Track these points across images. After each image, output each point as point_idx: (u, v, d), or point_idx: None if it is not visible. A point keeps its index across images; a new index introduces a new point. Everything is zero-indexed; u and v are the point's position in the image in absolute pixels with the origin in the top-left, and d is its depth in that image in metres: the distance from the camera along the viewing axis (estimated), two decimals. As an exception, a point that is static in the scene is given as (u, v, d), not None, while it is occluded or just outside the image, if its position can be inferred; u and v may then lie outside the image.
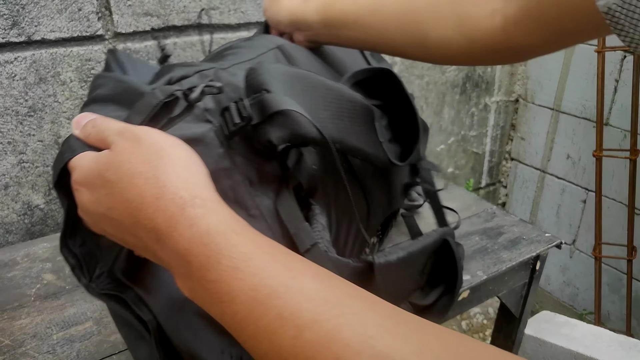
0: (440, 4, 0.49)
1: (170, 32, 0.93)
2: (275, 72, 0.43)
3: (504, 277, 0.81)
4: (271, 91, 0.40)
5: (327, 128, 0.43)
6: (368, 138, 0.49)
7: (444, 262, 0.56)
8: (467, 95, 1.57)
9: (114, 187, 0.33)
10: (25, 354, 0.58)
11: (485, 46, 0.48)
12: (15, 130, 0.83)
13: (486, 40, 0.47)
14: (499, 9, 0.46)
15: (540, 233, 0.85)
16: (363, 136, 0.48)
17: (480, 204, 0.96)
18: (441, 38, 0.49)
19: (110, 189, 0.33)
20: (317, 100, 0.45)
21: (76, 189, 0.36)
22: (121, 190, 0.33)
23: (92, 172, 0.35)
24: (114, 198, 0.33)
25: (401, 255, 0.48)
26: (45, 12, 0.79)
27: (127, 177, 0.33)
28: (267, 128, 0.40)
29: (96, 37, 0.86)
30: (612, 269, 1.63)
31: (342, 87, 0.49)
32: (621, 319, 1.63)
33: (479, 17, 0.47)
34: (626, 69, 1.43)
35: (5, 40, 0.77)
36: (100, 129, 0.37)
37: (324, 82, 0.48)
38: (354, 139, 0.46)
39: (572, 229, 1.73)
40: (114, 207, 0.33)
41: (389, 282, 0.48)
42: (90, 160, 0.35)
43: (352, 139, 0.46)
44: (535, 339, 1.25)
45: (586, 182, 1.63)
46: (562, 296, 1.83)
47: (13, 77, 0.80)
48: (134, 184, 0.32)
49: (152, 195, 0.31)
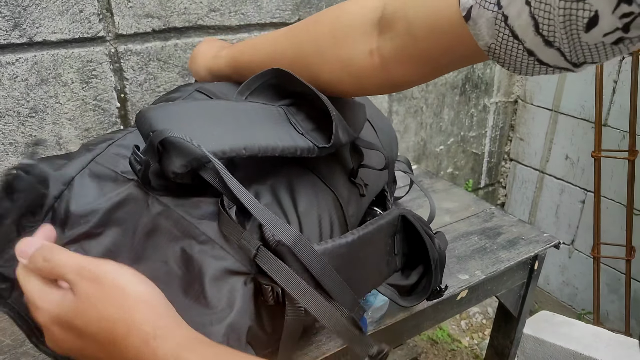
0: (324, 49, 0.53)
1: (170, 34, 0.94)
2: (160, 112, 0.46)
3: (502, 277, 0.81)
4: (156, 130, 0.43)
5: (225, 139, 0.46)
6: (282, 135, 0.51)
7: (417, 241, 0.57)
8: (467, 96, 1.58)
9: (84, 332, 0.36)
10: (26, 353, 0.59)
11: (371, 81, 0.52)
12: (16, 131, 0.83)
13: (370, 77, 0.51)
14: (375, 49, 0.49)
15: (539, 233, 0.86)
16: (274, 134, 0.50)
17: (480, 204, 0.97)
18: (331, 78, 0.54)
19: (80, 333, 0.36)
20: (207, 120, 0.48)
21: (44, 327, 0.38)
22: (91, 334, 0.36)
23: (59, 318, 0.37)
24: (85, 341, 0.36)
25: (350, 240, 0.49)
26: (47, 14, 0.80)
27: (96, 322, 0.35)
28: (166, 162, 0.43)
29: (97, 39, 0.86)
30: (610, 269, 1.63)
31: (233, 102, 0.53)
32: (620, 318, 1.63)
33: (359, 59, 0.50)
34: (625, 69, 1.44)
35: (7, 41, 0.78)
36: (54, 264, 0.37)
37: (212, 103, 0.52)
38: (261, 140, 0.48)
39: (571, 229, 1.73)
40: (86, 348, 0.37)
41: (351, 266, 0.49)
42: (55, 304, 0.37)
43: (259, 140, 0.48)
44: (534, 339, 1.26)
45: (585, 182, 1.64)
46: (561, 296, 1.83)
47: (14, 78, 0.80)
48: (103, 328, 0.35)
49: (121, 335, 0.35)
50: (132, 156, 0.45)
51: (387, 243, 0.56)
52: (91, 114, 0.90)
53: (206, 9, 0.96)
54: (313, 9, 1.09)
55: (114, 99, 0.92)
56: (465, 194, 1.02)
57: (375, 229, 0.52)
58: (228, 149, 0.45)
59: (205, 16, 0.96)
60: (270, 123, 0.52)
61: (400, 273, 0.59)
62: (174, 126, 0.44)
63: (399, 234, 0.57)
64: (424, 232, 0.56)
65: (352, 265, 0.49)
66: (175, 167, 0.43)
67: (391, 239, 0.56)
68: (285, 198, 0.52)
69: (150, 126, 0.44)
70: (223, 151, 0.44)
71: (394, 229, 0.56)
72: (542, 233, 0.86)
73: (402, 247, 0.58)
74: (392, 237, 0.56)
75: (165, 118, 0.45)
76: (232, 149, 0.45)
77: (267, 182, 0.52)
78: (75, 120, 0.89)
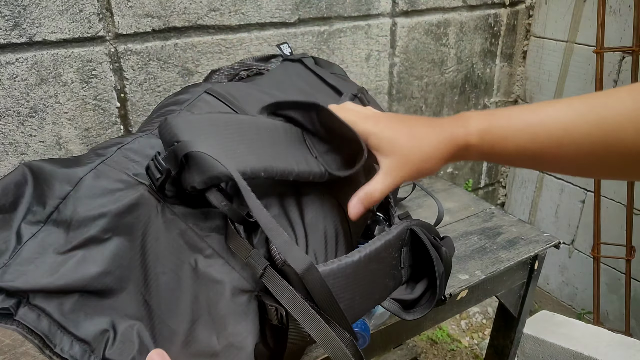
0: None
1: (170, 33, 0.94)
2: (185, 122, 0.45)
3: (502, 277, 0.81)
4: (181, 141, 0.43)
5: (247, 160, 0.45)
6: (299, 157, 0.50)
7: (423, 252, 0.56)
8: (466, 96, 1.58)
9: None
10: (26, 353, 0.59)
11: None
12: (16, 130, 0.83)
13: None
14: None
15: (539, 233, 0.86)
16: (291, 157, 0.49)
17: (479, 204, 0.97)
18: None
19: None
20: (232, 137, 0.47)
21: None
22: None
23: None
24: None
25: (356, 259, 0.47)
26: (47, 14, 0.80)
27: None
28: (186, 175, 0.43)
29: (97, 38, 0.86)
30: (610, 269, 1.63)
31: (257, 118, 0.51)
32: (620, 318, 1.63)
33: None
34: (625, 69, 1.44)
35: (7, 41, 0.78)
36: None
37: (238, 118, 0.50)
38: (280, 163, 0.47)
39: (571, 229, 1.73)
40: None
41: (356, 284, 0.48)
42: None
43: (278, 163, 0.47)
44: (534, 339, 1.25)
45: (585, 182, 1.64)
46: (561, 296, 1.83)
47: (14, 78, 0.80)
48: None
49: None
50: (152, 162, 0.44)
51: (394, 257, 0.54)
52: (91, 114, 0.90)
53: (206, 9, 0.96)
54: (313, 8, 1.09)
55: (114, 98, 0.92)
56: (465, 193, 1.02)
57: (383, 246, 0.51)
58: (249, 171, 0.44)
59: (205, 16, 0.96)
60: (289, 144, 0.51)
61: (405, 286, 0.58)
62: (199, 139, 0.43)
63: (406, 247, 0.56)
64: (431, 245, 0.55)
65: (358, 283, 0.48)
66: (195, 182, 0.42)
67: (398, 252, 0.55)
68: (293, 209, 0.51)
69: (175, 135, 0.44)
70: (244, 172, 0.44)
71: (402, 242, 0.55)
72: (542, 233, 0.86)
73: (408, 260, 0.57)
74: (399, 250, 0.55)
75: (191, 129, 0.45)
76: (252, 171, 0.45)
77: (275, 192, 0.51)
78: (75, 120, 0.89)
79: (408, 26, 1.30)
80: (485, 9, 1.46)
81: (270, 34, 1.06)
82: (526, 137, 0.44)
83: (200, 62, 0.99)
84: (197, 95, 0.60)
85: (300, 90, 0.67)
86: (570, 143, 0.42)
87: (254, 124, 0.51)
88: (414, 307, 0.58)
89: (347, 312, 0.46)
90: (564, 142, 0.43)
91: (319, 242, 0.51)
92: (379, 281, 0.52)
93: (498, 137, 0.46)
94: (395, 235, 0.53)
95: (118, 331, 0.45)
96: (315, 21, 1.12)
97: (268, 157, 0.48)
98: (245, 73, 0.74)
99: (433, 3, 1.32)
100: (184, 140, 0.43)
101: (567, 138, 0.42)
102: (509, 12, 1.53)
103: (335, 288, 0.45)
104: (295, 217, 0.51)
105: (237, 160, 0.44)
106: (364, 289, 0.49)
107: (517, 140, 0.45)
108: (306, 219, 0.51)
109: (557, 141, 0.43)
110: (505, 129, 0.45)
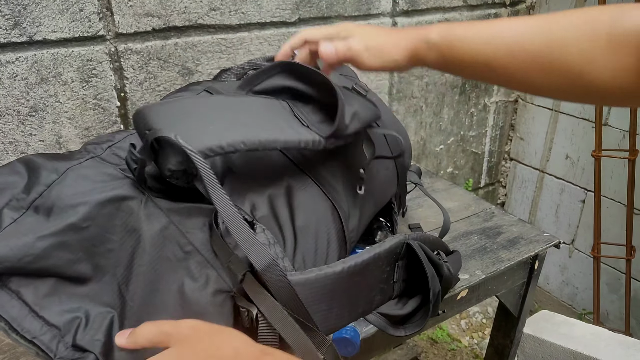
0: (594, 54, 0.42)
1: (171, 33, 0.94)
2: (155, 110, 0.46)
3: (502, 277, 0.81)
4: (152, 128, 0.43)
5: (223, 135, 0.45)
6: (285, 127, 0.49)
7: (421, 268, 0.54)
8: (467, 96, 1.58)
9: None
10: (25, 352, 0.59)
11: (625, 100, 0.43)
12: (16, 130, 0.83)
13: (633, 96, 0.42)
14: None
15: (539, 233, 0.86)
16: (276, 127, 0.48)
17: (479, 204, 0.96)
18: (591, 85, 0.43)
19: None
20: (205, 116, 0.47)
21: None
22: None
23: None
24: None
25: (338, 270, 0.46)
26: (47, 13, 0.80)
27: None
28: (162, 160, 0.43)
29: (97, 38, 0.86)
30: (610, 269, 1.63)
31: (235, 97, 0.51)
32: (620, 318, 1.63)
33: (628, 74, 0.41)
34: (625, 69, 1.44)
35: (7, 40, 0.78)
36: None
37: (214, 98, 0.50)
38: (262, 134, 0.47)
39: (571, 228, 1.73)
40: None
41: (334, 296, 0.47)
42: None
43: (259, 135, 0.46)
44: (534, 338, 1.25)
45: (585, 182, 1.64)
46: (561, 295, 1.83)
47: (14, 77, 0.80)
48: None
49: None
50: (128, 154, 0.45)
51: (385, 271, 0.53)
52: (91, 113, 0.90)
53: (206, 8, 0.95)
54: (313, 8, 1.09)
55: (114, 98, 0.92)
56: (465, 193, 1.02)
57: (371, 259, 0.50)
58: (225, 144, 0.44)
59: (205, 15, 0.96)
60: (273, 116, 0.50)
61: (397, 300, 0.56)
62: (170, 124, 0.43)
63: (402, 261, 0.54)
64: (428, 262, 0.53)
65: (337, 295, 0.47)
66: (171, 164, 0.42)
67: (391, 266, 0.53)
68: (283, 211, 0.50)
69: (146, 125, 0.44)
70: (220, 146, 0.43)
71: (396, 256, 0.53)
72: (542, 232, 0.86)
73: (403, 274, 0.55)
74: (393, 264, 0.54)
75: (161, 116, 0.45)
76: (229, 143, 0.44)
77: (265, 192, 0.50)
78: (75, 119, 0.89)
79: (409, 25, 1.29)
80: (485, 8, 1.46)
81: (270, 33, 1.06)
82: (481, 41, 0.48)
83: (201, 61, 0.99)
84: (196, 93, 0.60)
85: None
86: (521, 51, 0.45)
87: (229, 101, 0.50)
88: (404, 323, 0.57)
89: (322, 323, 0.45)
90: (515, 50, 0.45)
91: (309, 247, 0.50)
92: (364, 294, 0.51)
93: (456, 38, 0.49)
94: (387, 249, 0.51)
95: (90, 319, 0.45)
96: (315, 21, 1.12)
97: (247, 129, 0.47)
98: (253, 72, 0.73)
99: (433, 3, 1.32)
100: (155, 128, 0.43)
101: (518, 47, 0.45)
102: (510, 12, 1.53)
103: (310, 298, 0.44)
104: (285, 219, 0.50)
105: (212, 137, 0.43)
106: (344, 301, 0.48)
107: (473, 43, 0.48)
108: (297, 222, 0.50)
109: (509, 49, 0.46)
110: (464, 32, 0.49)
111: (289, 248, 0.49)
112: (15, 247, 0.42)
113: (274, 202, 0.50)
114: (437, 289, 0.54)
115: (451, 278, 0.56)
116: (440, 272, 0.55)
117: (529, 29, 0.45)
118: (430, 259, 0.54)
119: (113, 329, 0.45)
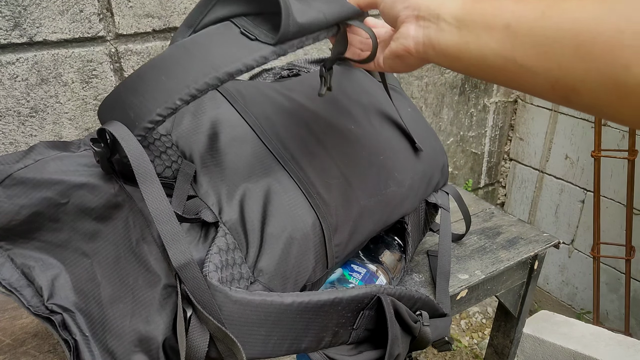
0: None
1: (171, 34, 0.94)
2: (107, 100, 0.46)
3: (502, 277, 0.82)
4: (105, 121, 0.43)
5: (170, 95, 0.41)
6: (235, 49, 0.43)
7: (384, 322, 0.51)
8: (466, 96, 1.58)
9: None
10: (26, 353, 0.59)
11: None
12: (17, 130, 0.83)
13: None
14: None
15: (539, 233, 0.86)
16: (225, 53, 0.43)
17: (479, 204, 0.97)
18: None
19: None
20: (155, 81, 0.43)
21: None
22: None
23: None
24: None
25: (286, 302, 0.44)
26: (47, 14, 0.80)
27: None
28: (119, 152, 0.43)
29: (98, 39, 0.86)
30: (610, 269, 1.64)
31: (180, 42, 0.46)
32: (619, 318, 1.64)
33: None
34: (624, 69, 1.44)
35: (7, 41, 0.78)
36: None
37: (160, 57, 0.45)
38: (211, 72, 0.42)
39: (571, 228, 1.73)
40: None
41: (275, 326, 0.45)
42: None
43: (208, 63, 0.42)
44: (534, 338, 1.26)
45: (585, 182, 1.64)
46: (561, 295, 1.83)
47: (15, 78, 0.81)
48: None
49: None
50: (91, 148, 0.46)
51: (345, 316, 0.50)
52: (91, 114, 0.90)
53: (206, 9, 0.96)
54: (313, 8, 1.09)
55: (114, 98, 0.92)
56: (465, 193, 1.02)
57: (329, 301, 0.47)
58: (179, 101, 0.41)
59: (205, 16, 0.96)
60: (217, 42, 0.45)
61: (354, 347, 0.53)
62: (117, 110, 0.43)
63: (369, 311, 0.51)
64: (394, 323, 0.50)
65: (280, 325, 0.45)
66: (123, 154, 0.41)
67: (353, 313, 0.50)
68: (254, 213, 0.48)
69: (100, 117, 0.45)
70: (176, 104, 0.41)
71: (362, 305, 0.50)
72: (541, 233, 0.86)
73: (367, 324, 0.52)
74: (357, 312, 0.51)
75: (110, 104, 0.44)
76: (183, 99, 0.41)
77: (239, 188, 0.49)
78: (76, 120, 0.89)
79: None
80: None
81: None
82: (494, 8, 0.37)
83: (201, 62, 0.99)
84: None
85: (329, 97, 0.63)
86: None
87: (175, 50, 0.45)
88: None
89: (255, 346, 0.44)
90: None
91: (276, 255, 0.48)
92: (312, 332, 0.48)
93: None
94: (351, 297, 0.49)
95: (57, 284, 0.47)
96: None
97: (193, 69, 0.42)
98: (286, 73, 0.71)
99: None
100: (104, 119, 0.44)
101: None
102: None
103: (250, 319, 0.43)
104: (252, 223, 0.48)
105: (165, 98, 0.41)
106: (286, 333, 0.46)
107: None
108: (268, 228, 0.48)
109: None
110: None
111: (251, 255, 0.47)
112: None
113: (245, 202, 0.49)
114: (396, 352, 0.51)
115: (427, 340, 0.54)
116: (414, 334, 0.53)
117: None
118: (402, 319, 0.52)
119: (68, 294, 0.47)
